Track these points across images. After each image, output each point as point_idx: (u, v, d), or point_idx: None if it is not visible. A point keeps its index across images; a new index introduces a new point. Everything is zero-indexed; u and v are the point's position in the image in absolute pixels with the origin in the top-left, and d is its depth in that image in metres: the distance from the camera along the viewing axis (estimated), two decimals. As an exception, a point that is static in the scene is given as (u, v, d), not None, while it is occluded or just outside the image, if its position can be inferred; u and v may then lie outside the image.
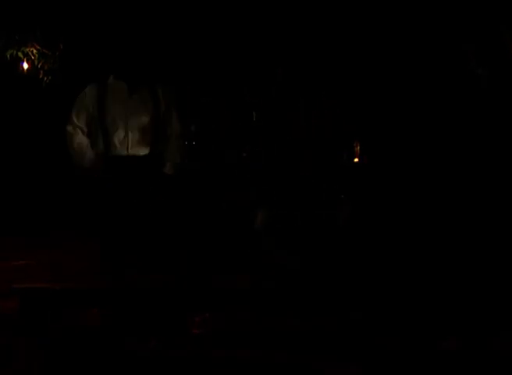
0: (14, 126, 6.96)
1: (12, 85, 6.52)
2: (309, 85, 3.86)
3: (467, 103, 3.97)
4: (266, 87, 4.76)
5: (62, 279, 4.00)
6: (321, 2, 4.75)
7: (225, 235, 4.69)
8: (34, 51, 6.10)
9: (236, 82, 5.64)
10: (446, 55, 4.20)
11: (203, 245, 4.58)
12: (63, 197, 6.34)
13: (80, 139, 3.26)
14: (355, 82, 4.70)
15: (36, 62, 6.15)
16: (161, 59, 5.51)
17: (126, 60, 3.31)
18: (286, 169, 3.72)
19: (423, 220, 3.99)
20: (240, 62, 5.45)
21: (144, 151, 3.25)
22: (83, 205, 3.49)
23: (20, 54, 6.06)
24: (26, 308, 3.08)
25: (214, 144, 5.81)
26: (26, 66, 6.16)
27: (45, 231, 5.89)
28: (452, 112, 3.95)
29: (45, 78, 6.20)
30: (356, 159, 5.11)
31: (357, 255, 3.55)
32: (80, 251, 4.75)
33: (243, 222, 4.09)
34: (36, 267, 4.56)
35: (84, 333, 2.93)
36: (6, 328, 3.02)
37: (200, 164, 5.60)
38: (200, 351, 2.73)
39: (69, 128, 3.29)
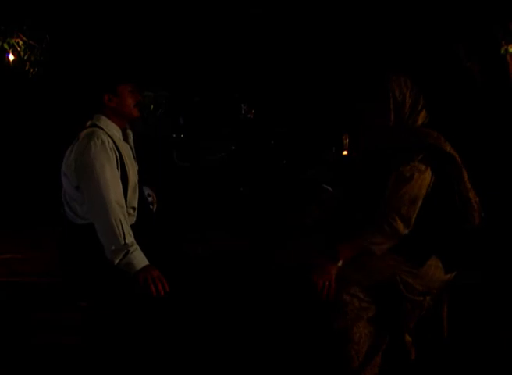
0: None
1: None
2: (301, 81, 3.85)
3: (461, 98, 3.97)
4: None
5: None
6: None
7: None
8: (20, 42, 6.04)
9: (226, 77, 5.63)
10: (438, 52, 4.23)
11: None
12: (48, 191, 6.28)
13: None
14: (346, 78, 4.71)
15: (22, 54, 6.09)
16: (151, 54, 5.49)
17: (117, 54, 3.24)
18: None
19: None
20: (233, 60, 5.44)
21: None
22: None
23: (6, 45, 6.00)
24: (11, 302, 3.05)
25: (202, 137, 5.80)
26: (11, 57, 6.10)
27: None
28: (445, 107, 3.96)
29: (31, 70, 6.14)
30: (345, 152, 5.12)
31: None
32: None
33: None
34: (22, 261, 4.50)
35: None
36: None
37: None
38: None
39: None
